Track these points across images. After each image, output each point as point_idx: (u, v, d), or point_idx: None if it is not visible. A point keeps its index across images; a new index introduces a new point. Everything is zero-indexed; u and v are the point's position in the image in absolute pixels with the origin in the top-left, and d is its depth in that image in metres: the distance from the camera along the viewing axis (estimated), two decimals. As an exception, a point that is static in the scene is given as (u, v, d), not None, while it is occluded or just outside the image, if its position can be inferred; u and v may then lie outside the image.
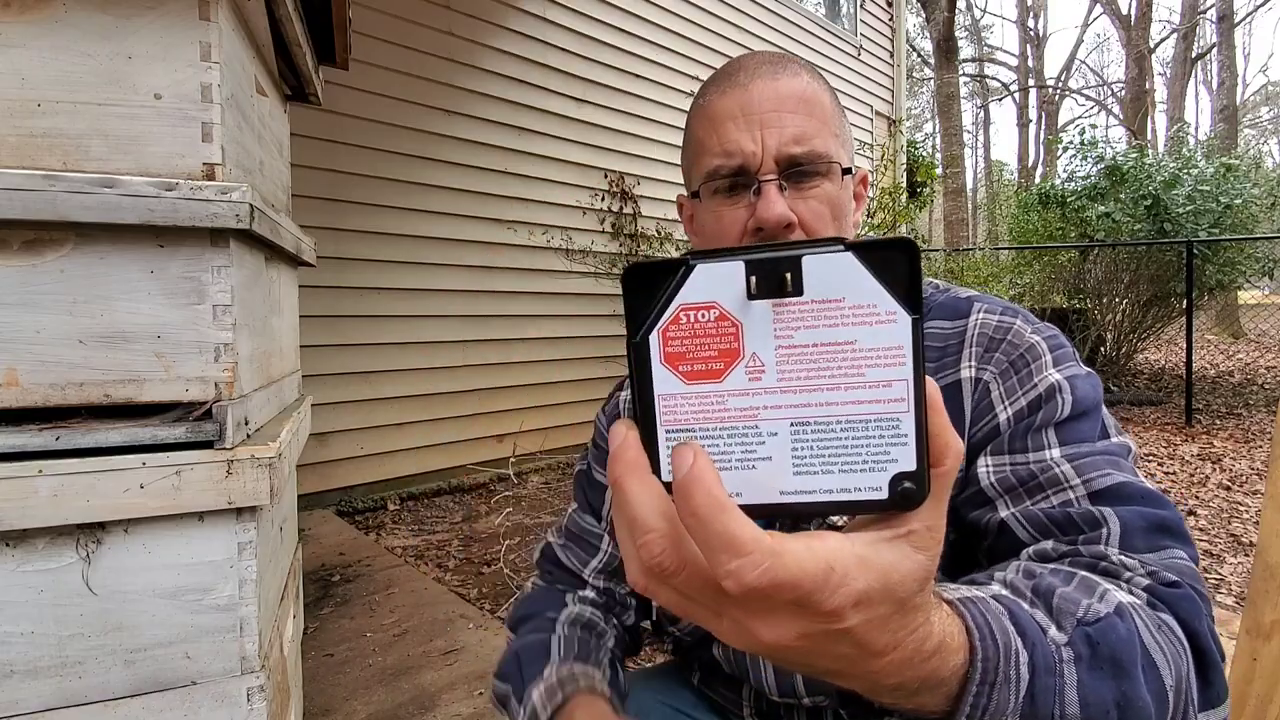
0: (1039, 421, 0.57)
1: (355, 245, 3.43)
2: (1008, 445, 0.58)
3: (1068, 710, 0.37)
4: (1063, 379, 0.59)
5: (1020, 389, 0.59)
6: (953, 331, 0.64)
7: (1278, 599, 0.93)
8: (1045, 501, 0.55)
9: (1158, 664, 0.40)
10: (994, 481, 0.57)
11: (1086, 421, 0.58)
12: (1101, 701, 0.37)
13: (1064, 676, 0.38)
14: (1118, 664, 0.39)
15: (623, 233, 4.62)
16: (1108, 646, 0.39)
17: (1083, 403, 0.58)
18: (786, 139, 0.60)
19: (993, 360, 0.61)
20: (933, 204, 12.36)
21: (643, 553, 0.28)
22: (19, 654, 0.75)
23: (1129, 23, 19.10)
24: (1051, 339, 0.62)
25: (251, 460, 0.82)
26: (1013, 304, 0.66)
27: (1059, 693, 0.37)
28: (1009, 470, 0.57)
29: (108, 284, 0.78)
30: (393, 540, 3.01)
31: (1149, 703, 0.39)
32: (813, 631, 0.28)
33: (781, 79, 0.61)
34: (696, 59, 5.16)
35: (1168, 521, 0.51)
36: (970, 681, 0.35)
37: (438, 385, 3.76)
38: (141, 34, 0.80)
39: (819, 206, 0.61)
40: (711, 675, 0.75)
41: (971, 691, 0.35)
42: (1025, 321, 0.63)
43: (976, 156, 33.65)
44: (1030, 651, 0.37)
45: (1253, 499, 3.52)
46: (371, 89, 3.43)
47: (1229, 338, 10.72)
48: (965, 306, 0.66)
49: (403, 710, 1.64)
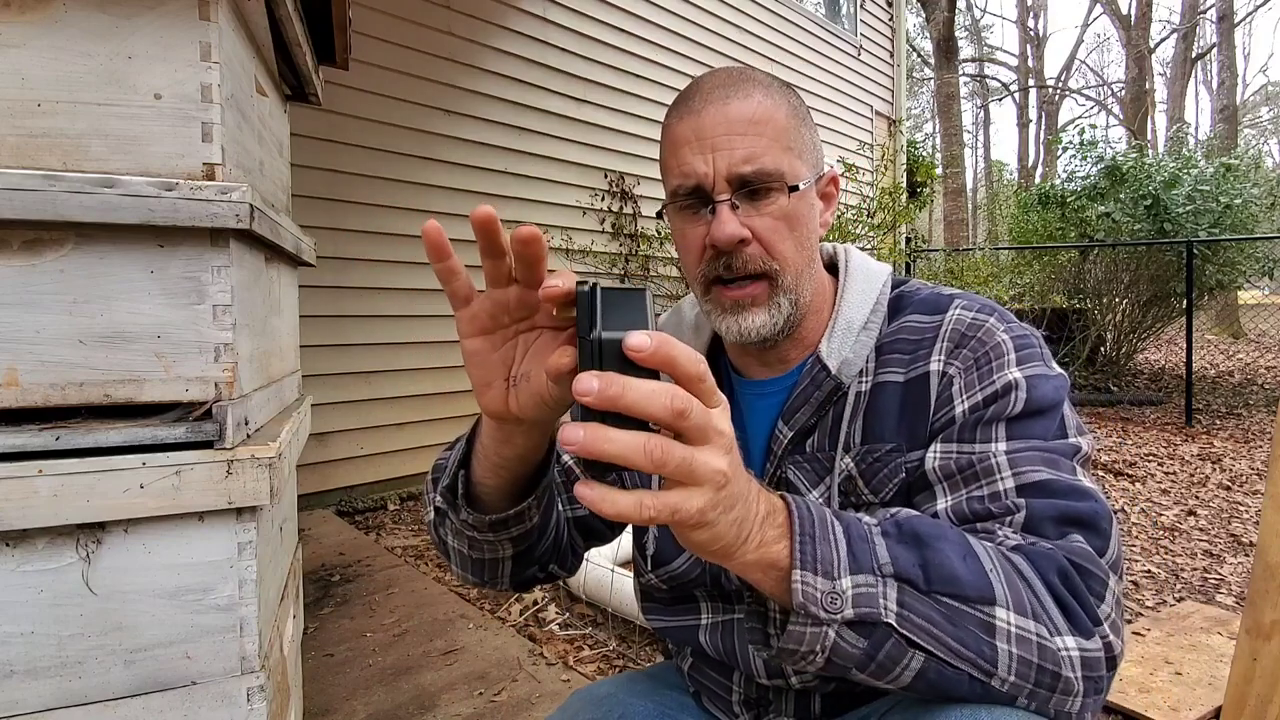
0: (990, 415, 0.60)
1: (355, 245, 3.43)
2: (957, 435, 0.62)
3: (881, 560, 0.48)
4: (1021, 377, 0.61)
5: (979, 384, 0.62)
6: (928, 326, 0.68)
7: (1278, 599, 0.93)
8: (977, 490, 0.58)
9: (978, 555, 0.50)
10: (936, 467, 0.61)
11: (1040, 420, 0.60)
12: (908, 558, 0.49)
13: (873, 542, 0.49)
14: (918, 537, 0.50)
15: (623, 233, 4.62)
16: (909, 526, 0.51)
17: (1038, 402, 0.60)
18: (736, 160, 0.63)
19: (960, 355, 0.64)
20: (933, 204, 12.37)
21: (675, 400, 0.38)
22: (19, 654, 0.75)
23: (1129, 23, 19.10)
24: (1021, 339, 0.64)
25: (251, 460, 0.81)
26: (994, 304, 0.68)
27: (873, 552, 0.48)
28: (953, 458, 0.60)
29: (108, 284, 0.78)
30: (393, 540, 3.01)
31: (957, 567, 0.49)
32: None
33: (732, 102, 0.64)
34: (696, 59, 5.16)
35: (1081, 514, 0.54)
36: (793, 534, 0.47)
37: (438, 385, 3.76)
38: (141, 34, 0.80)
39: (773, 221, 0.65)
40: (701, 661, 0.77)
41: (796, 539, 0.47)
42: (1000, 320, 0.65)
43: (976, 156, 33.67)
44: (846, 527, 0.49)
45: (1253, 499, 3.52)
46: (371, 89, 3.42)
47: (1229, 338, 10.72)
48: (945, 303, 0.68)
49: (403, 710, 1.64)
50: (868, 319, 0.69)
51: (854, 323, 0.69)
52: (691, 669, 0.79)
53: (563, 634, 2.11)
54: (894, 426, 0.65)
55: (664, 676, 0.85)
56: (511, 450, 0.57)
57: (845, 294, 0.71)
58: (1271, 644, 0.93)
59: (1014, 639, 0.47)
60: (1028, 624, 0.48)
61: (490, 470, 0.59)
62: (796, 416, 0.69)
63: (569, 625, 2.17)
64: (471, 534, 0.64)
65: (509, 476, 0.60)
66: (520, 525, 0.63)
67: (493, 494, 0.61)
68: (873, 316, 0.70)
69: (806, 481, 0.68)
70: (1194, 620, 2.05)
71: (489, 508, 0.62)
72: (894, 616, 0.46)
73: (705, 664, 0.76)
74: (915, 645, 0.47)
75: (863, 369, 0.68)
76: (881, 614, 0.46)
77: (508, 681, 1.76)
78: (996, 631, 0.47)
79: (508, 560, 0.67)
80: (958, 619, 0.47)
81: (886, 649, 0.47)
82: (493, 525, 0.62)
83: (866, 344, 0.68)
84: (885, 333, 0.70)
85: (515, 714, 1.63)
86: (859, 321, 0.69)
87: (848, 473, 0.66)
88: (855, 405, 0.68)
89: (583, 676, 1.83)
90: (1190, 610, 2.13)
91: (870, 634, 0.47)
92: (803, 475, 0.68)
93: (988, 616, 0.48)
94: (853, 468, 0.66)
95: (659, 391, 0.38)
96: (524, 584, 0.73)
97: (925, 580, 0.48)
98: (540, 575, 0.74)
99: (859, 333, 0.69)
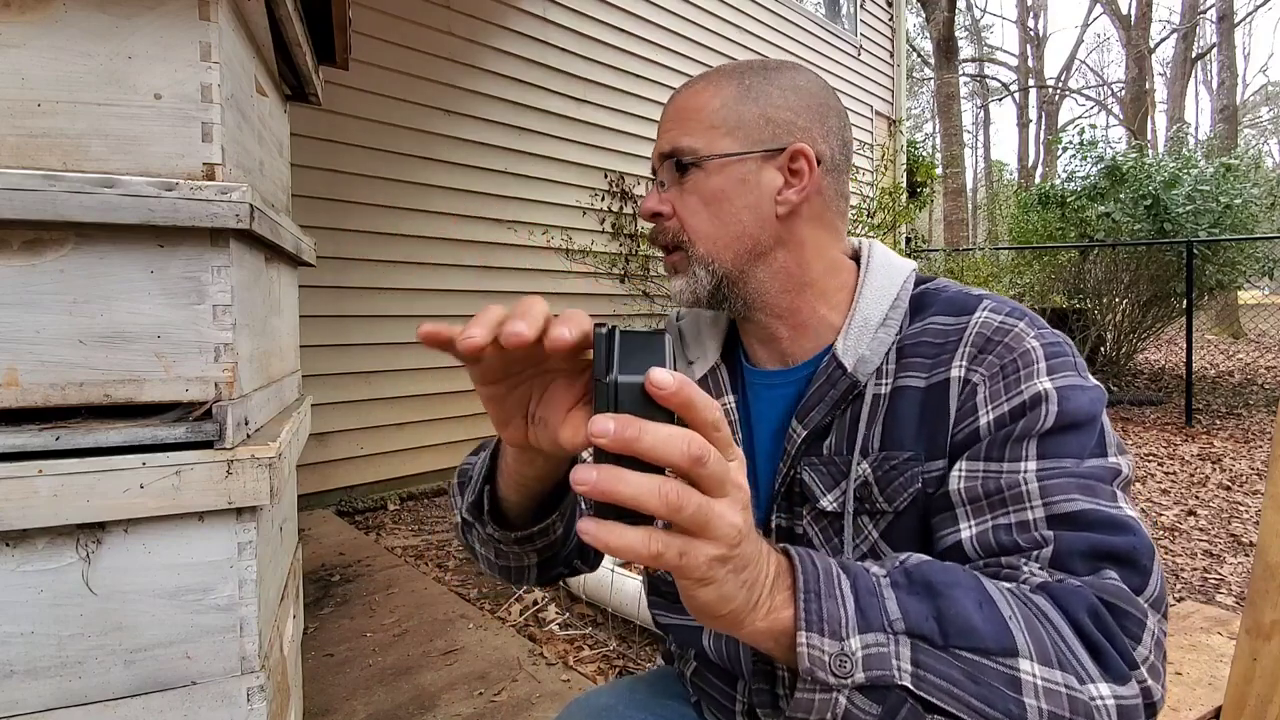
0: (1019, 431, 0.57)
1: (355, 245, 3.43)
2: (984, 452, 0.58)
3: (892, 616, 0.44)
4: (1051, 388, 0.57)
5: (1006, 394, 0.59)
6: (952, 328, 0.64)
7: (1278, 599, 0.93)
8: (1004, 518, 0.55)
9: (995, 600, 0.46)
10: (962, 489, 0.57)
11: (1075, 436, 0.56)
12: (920, 611, 0.45)
13: (883, 595, 0.45)
14: (930, 586, 0.46)
15: (623, 233, 4.62)
16: (920, 574, 0.47)
17: (1072, 415, 0.56)
18: (665, 144, 0.68)
19: (985, 362, 0.61)
20: (933, 204, 12.37)
21: (692, 445, 0.36)
22: (19, 654, 0.75)
23: (1129, 23, 19.10)
24: (1052, 346, 0.61)
25: (251, 460, 0.81)
26: (1025, 308, 0.65)
27: (883, 606, 0.45)
28: (980, 480, 0.57)
29: (108, 284, 0.78)
30: (393, 540, 3.01)
31: (974, 617, 0.45)
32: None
33: (682, 94, 0.70)
34: (696, 59, 5.16)
35: (1117, 550, 0.50)
36: (796, 591, 0.43)
37: (438, 385, 3.76)
38: (141, 34, 0.80)
39: (688, 196, 0.68)
40: (704, 666, 0.76)
41: (800, 595, 0.43)
42: (1030, 325, 0.62)
43: (976, 156, 33.66)
44: (853, 580, 0.45)
45: (1253, 499, 3.52)
46: (371, 89, 3.42)
47: (1229, 338, 10.71)
48: (972, 304, 0.65)
49: (403, 710, 1.64)
50: (886, 315, 0.67)
51: (871, 319, 0.66)
52: (694, 675, 0.77)
53: (563, 634, 2.11)
54: (913, 434, 0.63)
55: (664, 684, 0.83)
56: (533, 471, 0.57)
57: (864, 289, 0.68)
58: (1271, 644, 0.93)
59: (1041, 693, 0.43)
60: (1054, 674, 0.44)
61: (514, 487, 0.60)
62: (811, 415, 0.66)
63: (569, 625, 2.17)
64: (497, 546, 0.64)
65: (532, 492, 0.60)
66: (545, 539, 0.64)
67: (516, 508, 0.62)
68: (892, 313, 0.67)
69: (822, 485, 0.66)
70: (1194, 620, 2.05)
71: (514, 523, 0.63)
72: (909, 678, 0.43)
73: (708, 669, 0.75)
74: (934, 709, 0.43)
75: (882, 369, 0.66)
76: (895, 676, 0.43)
77: (508, 681, 1.76)
78: (1023, 686, 0.43)
79: (533, 567, 0.68)
80: (979, 675, 0.44)
81: (903, 715, 0.43)
82: (518, 540, 0.63)
83: (885, 341, 0.66)
84: (907, 333, 0.66)
85: (515, 714, 1.63)
86: (876, 318, 0.66)
87: (864, 479, 0.64)
88: (874, 408, 0.65)
89: (583, 676, 1.83)
90: (1190, 610, 2.13)
91: (884, 698, 0.43)
92: (818, 478, 0.66)
93: (1011, 670, 0.44)
94: (869, 474, 0.63)
95: (677, 436, 0.36)
96: (549, 581, 0.74)
97: (941, 634, 0.44)
98: (565, 571, 0.75)
99: (876, 329, 0.66)
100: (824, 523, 0.66)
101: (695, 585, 0.39)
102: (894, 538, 0.63)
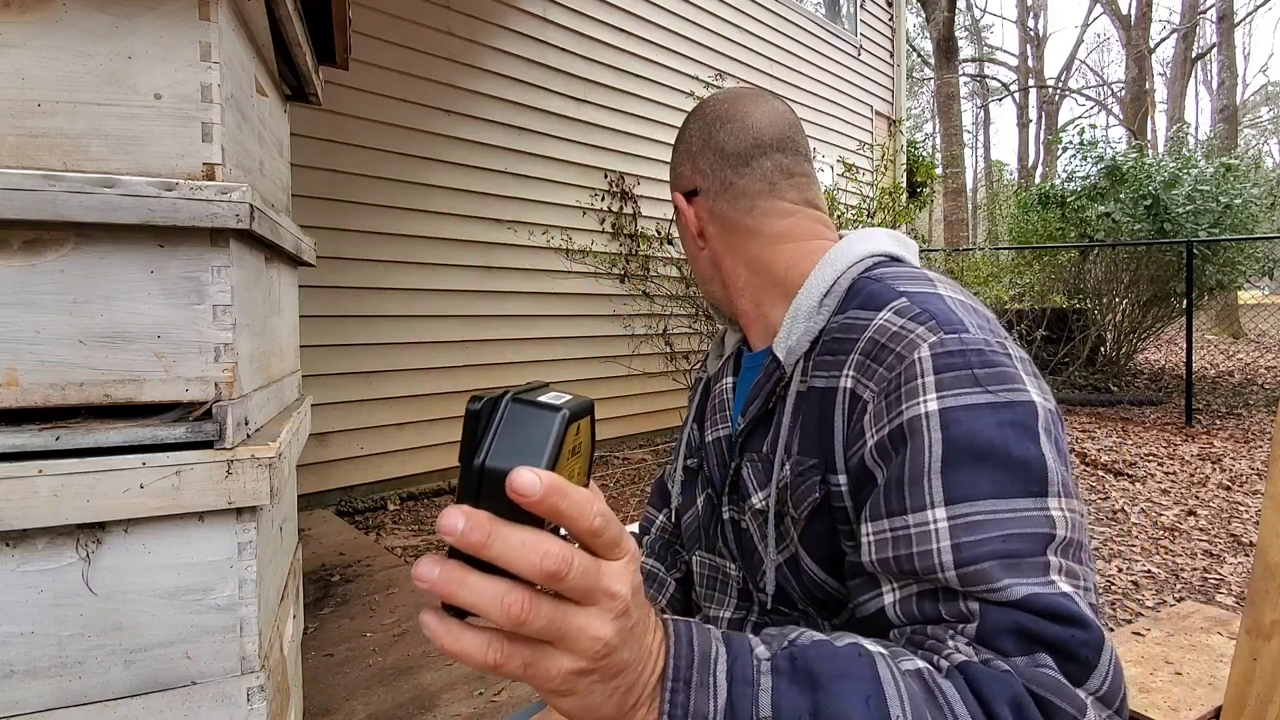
0: (910, 469, 0.49)
1: (355, 245, 3.43)
2: (885, 505, 0.51)
3: (762, 713, 0.39)
4: (936, 409, 0.49)
5: (887, 415, 0.52)
6: (856, 326, 0.58)
7: (1278, 599, 0.93)
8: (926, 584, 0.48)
9: (887, 697, 0.40)
10: (874, 560, 0.51)
11: (985, 472, 0.47)
12: (795, 706, 0.39)
13: (758, 684, 0.39)
14: (813, 678, 0.40)
15: (623, 233, 4.62)
16: (805, 662, 0.41)
17: (969, 443, 0.48)
18: None
19: (875, 375, 0.54)
20: (933, 204, 12.37)
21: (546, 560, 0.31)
22: (19, 654, 0.75)
23: (1129, 23, 19.10)
24: (949, 356, 0.51)
25: (251, 460, 0.81)
26: (953, 307, 0.55)
27: (754, 699, 0.39)
28: (890, 540, 0.50)
29: (108, 284, 0.78)
30: (393, 540, 3.01)
31: (854, 715, 0.39)
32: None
33: None
34: (696, 59, 5.16)
35: (1050, 638, 0.43)
36: (665, 678, 0.38)
37: (438, 385, 3.76)
38: (141, 34, 0.80)
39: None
40: None
41: (667, 688, 0.38)
42: (935, 329, 0.53)
43: (976, 156, 33.66)
44: (731, 664, 0.40)
45: (1253, 499, 3.52)
46: (371, 89, 3.42)
47: (1229, 338, 10.72)
48: (884, 300, 0.58)
49: (403, 710, 1.64)
50: (821, 301, 0.62)
51: (802, 308, 0.63)
52: None
53: (563, 634, 2.11)
54: (815, 439, 0.59)
55: None
56: None
57: (810, 277, 0.64)
58: (1271, 644, 0.93)
59: None
60: None
61: None
62: (750, 408, 0.66)
63: (569, 625, 2.17)
64: None
65: None
66: None
67: None
68: (827, 299, 0.62)
69: (756, 483, 0.64)
70: (1194, 620, 2.05)
71: None
72: None
73: None
74: None
75: (804, 364, 0.62)
76: None
77: (507, 681, 1.76)
78: None
79: None
80: None
81: None
82: None
83: (810, 330, 0.62)
84: (829, 324, 0.61)
85: (515, 714, 1.63)
86: (808, 306, 0.62)
87: (785, 481, 0.60)
88: (796, 406, 0.62)
89: (583, 676, 1.83)
90: (1190, 610, 2.13)
91: None
92: (754, 476, 0.65)
93: None
94: (788, 477, 0.60)
95: (529, 547, 0.31)
96: None
97: None
98: None
99: (807, 318, 0.62)
100: (759, 520, 0.65)
101: (552, 695, 0.35)
102: (809, 544, 0.60)
